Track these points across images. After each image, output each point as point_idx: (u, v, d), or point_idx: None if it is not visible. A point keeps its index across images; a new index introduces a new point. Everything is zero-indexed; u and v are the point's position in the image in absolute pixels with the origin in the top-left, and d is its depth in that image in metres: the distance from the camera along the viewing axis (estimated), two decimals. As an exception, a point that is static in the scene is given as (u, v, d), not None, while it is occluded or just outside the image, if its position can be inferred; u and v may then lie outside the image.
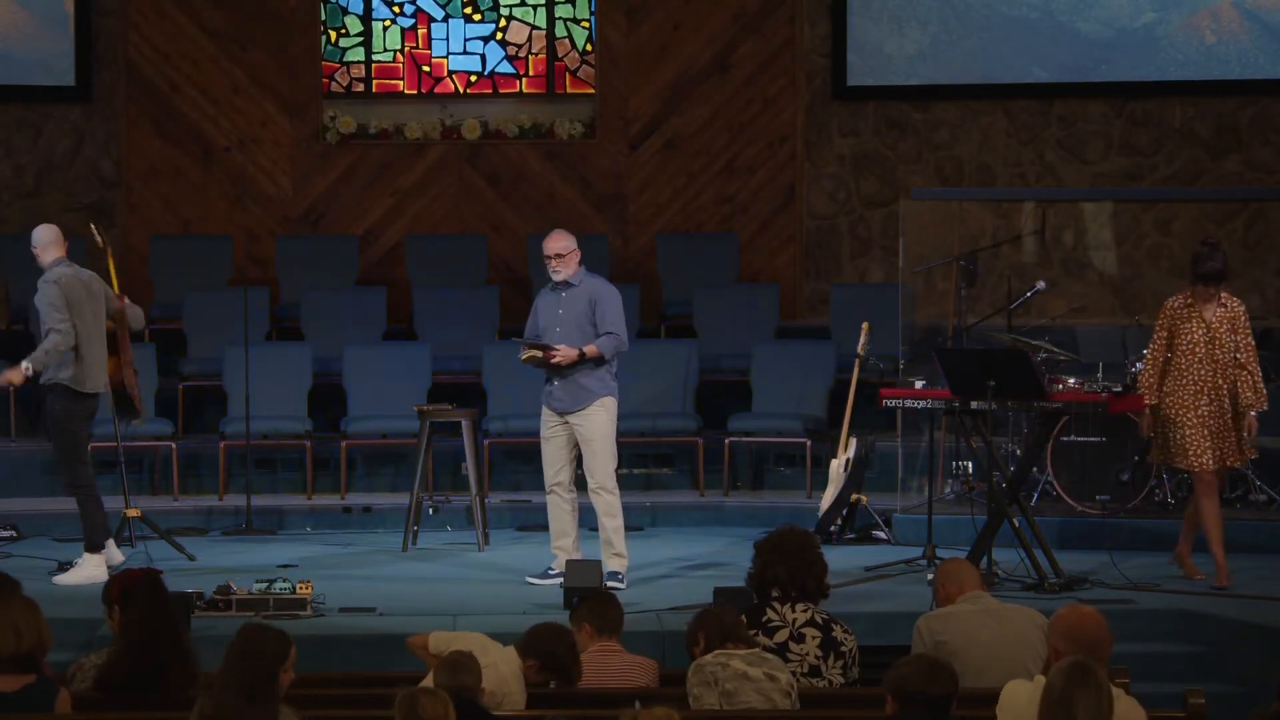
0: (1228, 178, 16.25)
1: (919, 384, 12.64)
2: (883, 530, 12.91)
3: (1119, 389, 12.33)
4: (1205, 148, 16.34)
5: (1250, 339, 11.08)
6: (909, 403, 12.55)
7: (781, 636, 7.97)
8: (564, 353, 11.30)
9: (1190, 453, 11.10)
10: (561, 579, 10.94)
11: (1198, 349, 11.02)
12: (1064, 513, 12.82)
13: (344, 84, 16.71)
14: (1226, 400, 11.04)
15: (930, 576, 11.31)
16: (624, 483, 13.20)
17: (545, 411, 11.49)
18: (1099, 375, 12.71)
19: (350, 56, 16.72)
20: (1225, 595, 10.99)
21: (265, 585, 10.56)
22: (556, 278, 11.46)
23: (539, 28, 16.73)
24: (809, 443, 13.90)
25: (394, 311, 15.67)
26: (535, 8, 16.73)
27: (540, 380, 11.57)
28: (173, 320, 15.43)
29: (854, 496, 12.93)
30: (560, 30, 16.73)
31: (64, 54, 16.20)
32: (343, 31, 16.72)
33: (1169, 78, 16.22)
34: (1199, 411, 11.04)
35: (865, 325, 13.22)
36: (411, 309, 15.66)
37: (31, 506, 13.62)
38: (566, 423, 11.40)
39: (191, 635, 9.67)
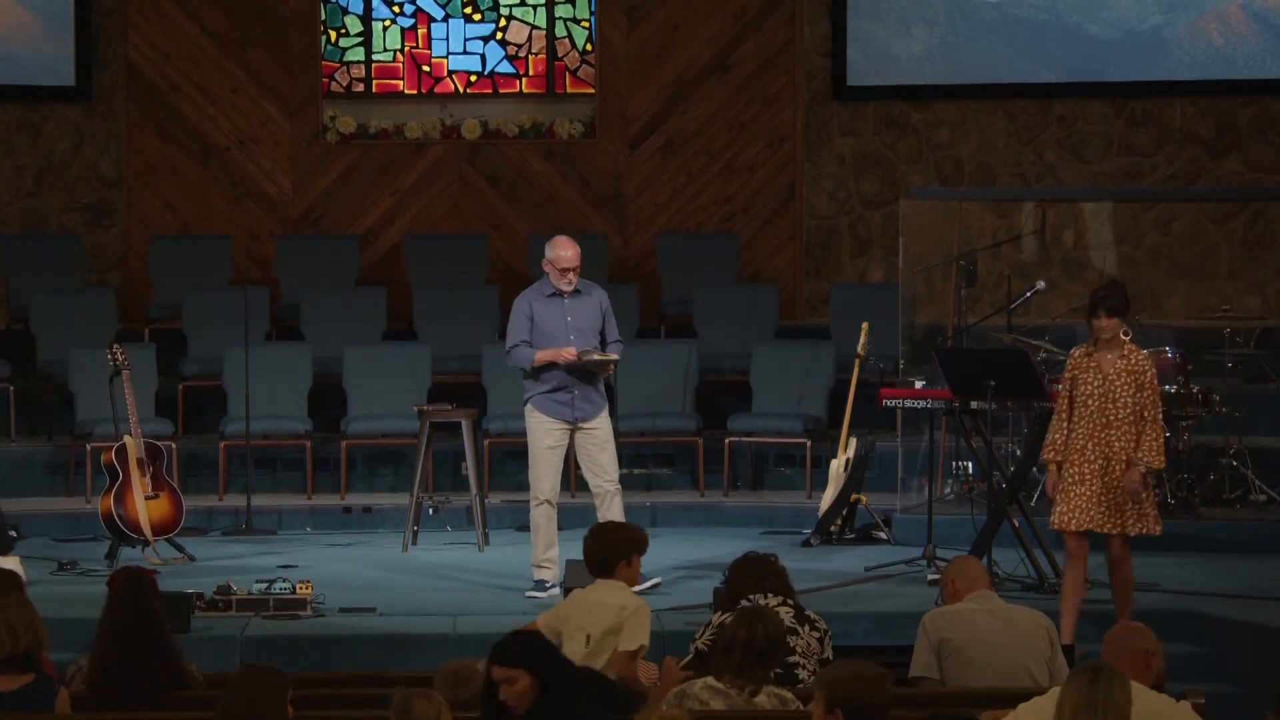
0: (1228, 178, 16.25)
1: (919, 384, 12.64)
2: (883, 530, 12.90)
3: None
4: (1205, 148, 16.34)
5: (1156, 396, 9.97)
6: (909, 403, 12.56)
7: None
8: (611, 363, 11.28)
9: (1057, 511, 10.05)
10: (557, 591, 10.99)
11: (1091, 402, 9.94)
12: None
13: (344, 84, 16.70)
14: (1115, 461, 9.91)
15: (931, 576, 11.33)
16: (624, 483, 13.23)
17: (550, 421, 11.20)
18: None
19: (350, 56, 16.72)
20: (1225, 595, 10.98)
21: (265, 585, 10.56)
22: (569, 289, 11.21)
23: (539, 28, 16.72)
24: (809, 443, 13.89)
25: (394, 311, 15.66)
26: (535, 8, 16.72)
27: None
28: (173, 320, 15.43)
29: (854, 496, 12.92)
30: (560, 30, 16.73)
31: (64, 54, 16.20)
32: (343, 31, 16.71)
33: (1176, 80, 16.20)
34: (1082, 469, 9.94)
35: (865, 325, 13.21)
36: (411, 309, 15.65)
37: (31, 506, 13.62)
38: (570, 433, 11.24)
39: (190, 635, 9.76)
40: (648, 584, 10.99)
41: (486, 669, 6.69)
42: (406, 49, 16.74)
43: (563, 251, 11.22)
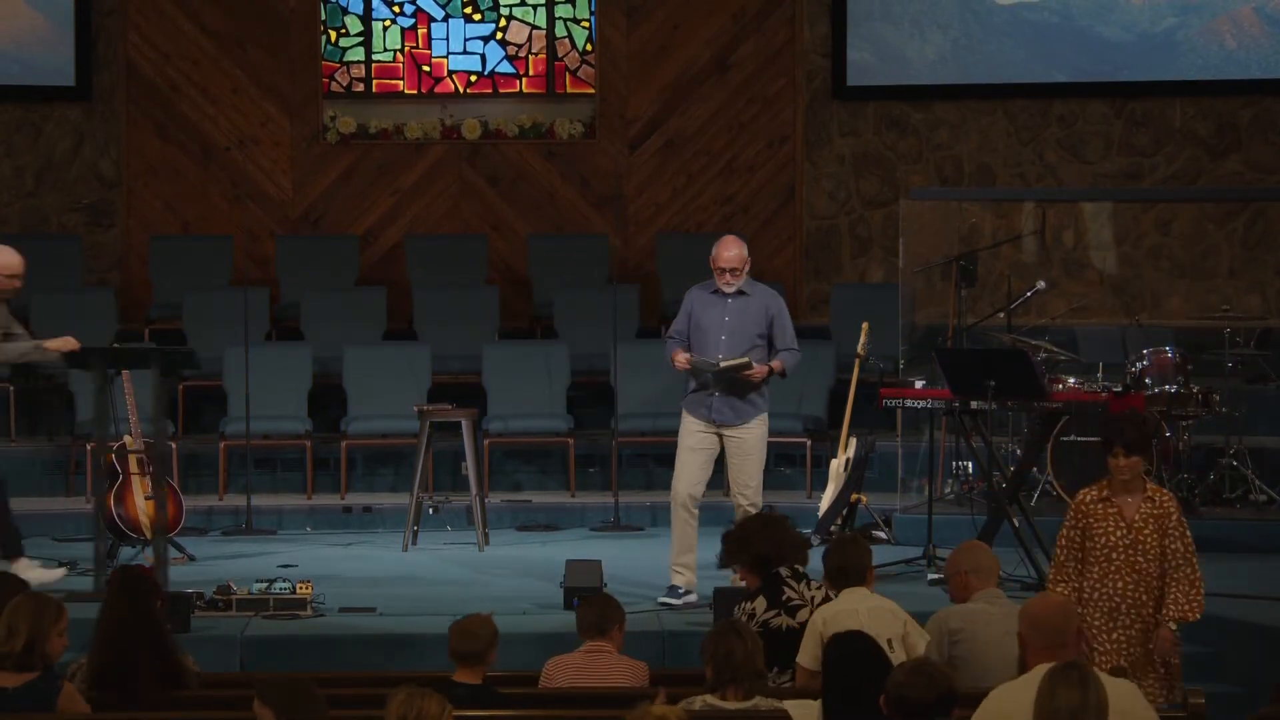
0: (1228, 178, 16.25)
1: (919, 384, 12.63)
2: (883, 530, 12.89)
3: (1119, 389, 12.33)
4: (1205, 148, 16.34)
5: (1186, 543, 8.35)
6: (909, 403, 12.53)
7: (803, 615, 8.03)
8: (759, 370, 10.89)
9: None
10: (692, 598, 10.85)
11: (1116, 556, 8.36)
12: (1064, 513, 12.76)
13: (344, 84, 16.71)
14: (1150, 624, 8.35)
15: (931, 576, 11.31)
16: (624, 483, 13.23)
17: (693, 421, 10.96)
18: (1099, 375, 12.72)
19: (350, 56, 16.72)
20: (1225, 595, 10.96)
21: (265, 585, 10.55)
22: (729, 290, 10.95)
23: (539, 28, 16.73)
24: (809, 443, 13.89)
25: (394, 311, 15.66)
26: (535, 8, 16.73)
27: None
28: (173, 320, 15.43)
29: (854, 496, 12.91)
30: (560, 30, 16.73)
31: (64, 54, 16.19)
32: (343, 31, 16.72)
33: (1182, 80, 16.19)
34: (1113, 637, 8.37)
35: (865, 325, 13.21)
36: (411, 309, 15.65)
37: (31, 506, 13.61)
38: (717, 436, 10.96)
39: (190, 635, 9.75)
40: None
41: None
42: (406, 49, 16.74)
43: (722, 251, 11.00)
